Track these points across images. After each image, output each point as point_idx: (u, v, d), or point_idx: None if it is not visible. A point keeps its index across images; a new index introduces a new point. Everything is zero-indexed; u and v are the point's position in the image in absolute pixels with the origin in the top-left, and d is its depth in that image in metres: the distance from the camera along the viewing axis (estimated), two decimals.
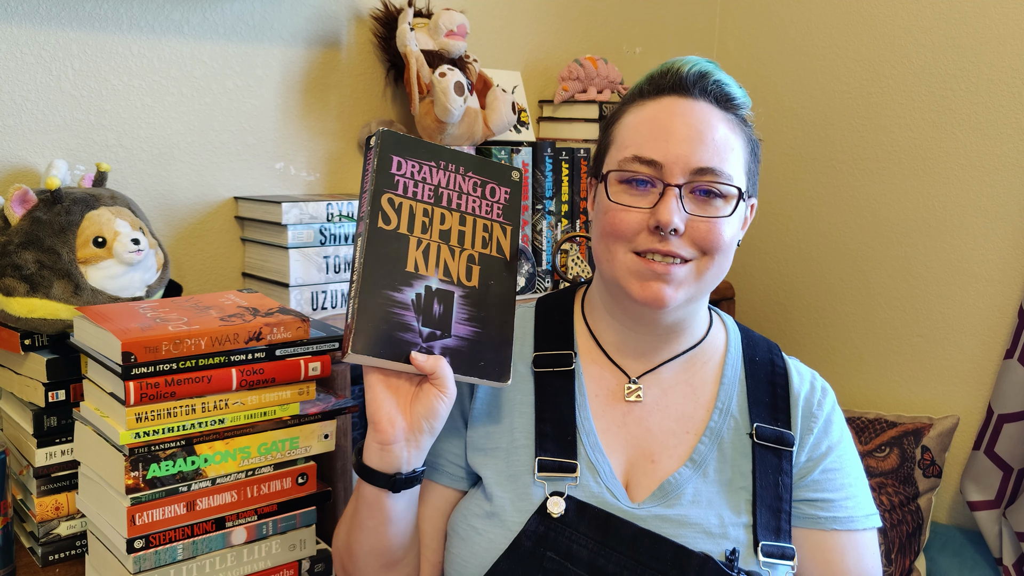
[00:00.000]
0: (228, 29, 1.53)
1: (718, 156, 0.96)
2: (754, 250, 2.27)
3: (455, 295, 0.96)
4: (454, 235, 0.97)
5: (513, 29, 1.92)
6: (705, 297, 1.04)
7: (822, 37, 2.10)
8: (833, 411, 1.07)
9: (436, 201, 0.97)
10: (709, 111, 0.99)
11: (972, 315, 1.89)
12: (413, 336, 0.93)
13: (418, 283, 0.94)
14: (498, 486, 1.00)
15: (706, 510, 0.98)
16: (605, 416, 1.04)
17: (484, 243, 0.99)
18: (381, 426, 0.91)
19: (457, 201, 0.98)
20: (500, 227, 1.01)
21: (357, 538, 0.99)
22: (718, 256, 0.98)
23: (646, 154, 0.97)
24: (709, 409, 1.05)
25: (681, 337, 1.06)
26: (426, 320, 0.94)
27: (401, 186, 0.95)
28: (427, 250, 0.95)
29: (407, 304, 0.93)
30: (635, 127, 1.00)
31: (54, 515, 1.17)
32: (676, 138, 0.96)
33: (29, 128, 1.36)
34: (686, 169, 0.96)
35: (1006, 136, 1.82)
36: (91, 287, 1.17)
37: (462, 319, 0.96)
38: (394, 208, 0.94)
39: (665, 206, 0.95)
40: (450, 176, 0.98)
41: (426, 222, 0.95)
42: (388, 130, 0.96)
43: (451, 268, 0.96)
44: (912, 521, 1.81)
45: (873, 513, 1.04)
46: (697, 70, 1.00)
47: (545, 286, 1.75)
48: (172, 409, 1.02)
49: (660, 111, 0.99)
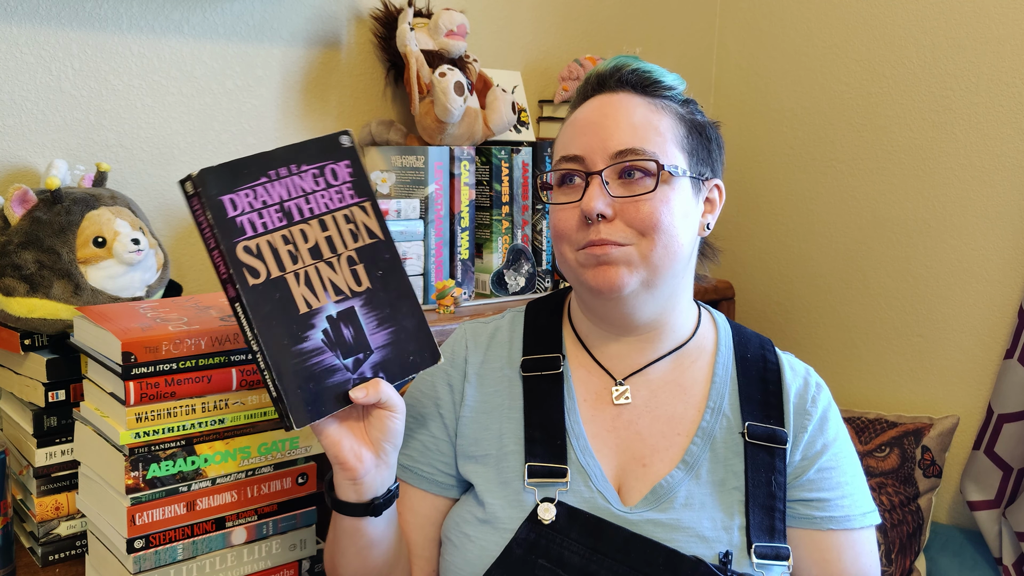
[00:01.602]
0: (228, 29, 1.53)
1: (637, 136, 0.97)
2: (754, 250, 2.27)
3: (355, 309, 0.90)
4: (323, 246, 0.89)
5: (513, 29, 1.92)
6: (670, 285, 1.01)
7: (822, 37, 2.10)
8: (828, 408, 1.05)
9: (289, 220, 0.88)
10: (627, 99, 1.01)
11: (972, 315, 1.89)
12: (343, 374, 0.88)
13: (318, 319, 0.87)
14: (489, 493, 1.00)
15: (699, 513, 0.97)
16: (595, 419, 1.03)
17: (354, 236, 0.92)
18: (348, 464, 0.89)
19: (307, 207, 0.89)
20: (359, 209, 0.92)
21: (343, 563, 0.99)
22: (658, 236, 0.96)
23: (570, 151, 1.00)
24: (700, 409, 1.03)
25: (663, 336, 1.05)
26: (344, 351, 0.88)
27: (248, 225, 0.85)
28: (308, 279, 0.87)
29: (319, 348, 0.87)
30: (562, 133, 1.04)
31: (54, 515, 1.17)
32: (594, 130, 0.99)
33: (29, 128, 1.36)
34: (605, 155, 0.97)
35: (1006, 136, 1.82)
36: (91, 287, 1.17)
37: (373, 328, 0.91)
38: (254, 255, 0.85)
39: (588, 194, 0.97)
40: (287, 183, 0.88)
41: (291, 249, 0.87)
42: (202, 171, 0.84)
43: (337, 283, 0.89)
44: (912, 521, 1.81)
45: (871, 511, 1.03)
46: (612, 65, 1.03)
47: (545, 286, 1.75)
48: (172, 409, 1.01)
49: (583, 112, 1.03)
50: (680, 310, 1.06)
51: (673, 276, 1.00)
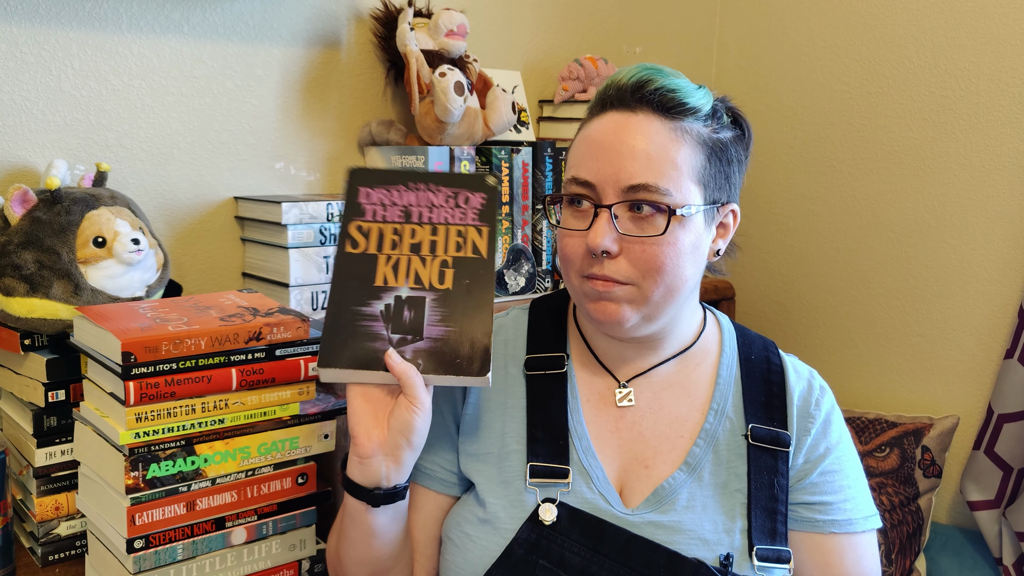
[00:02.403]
0: (228, 29, 1.53)
1: (652, 171, 0.93)
2: (754, 250, 2.27)
3: (426, 299, 0.96)
4: (425, 246, 0.99)
5: (513, 29, 1.92)
6: (672, 311, 0.99)
7: (822, 37, 2.10)
8: (832, 411, 1.05)
9: (406, 219, 1.01)
10: (647, 122, 0.95)
11: (972, 315, 1.89)
12: (383, 344, 0.93)
13: (387, 295, 0.96)
14: (490, 492, 0.99)
15: (700, 515, 0.97)
16: (598, 420, 1.03)
17: (458, 247, 1.00)
18: (359, 440, 0.91)
19: (428, 215, 1.01)
20: (475, 230, 1.01)
21: (345, 548, 0.99)
22: (661, 278, 0.94)
23: (581, 175, 0.96)
24: (704, 411, 1.03)
25: (666, 343, 1.05)
26: (396, 327, 0.94)
27: (370, 213, 1.01)
28: (397, 264, 0.98)
29: (375, 315, 0.95)
30: (576, 147, 1.00)
31: (54, 515, 1.17)
32: (607, 156, 0.94)
33: (29, 128, 1.36)
34: (618, 188, 0.94)
35: (1006, 136, 1.82)
36: (91, 287, 1.17)
37: (435, 321, 0.95)
38: (362, 233, 0.99)
39: (595, 229, 0.94)
40: (419, 194, 1.02)
41: (396, 240, 0.99)
42: (357, 167, 1.03)
43: (422, 276, 0.98)
44: (912, 521, 1.81)
45: (872, 514, 1.03)
46: (636, 80, 0.97)
47: (545, 286, 1.75)
48: (172, 409, 1.02)
49: (599, 129, 0.97)
50: (685, 318, 1.05)
51: (675, 307, 1.00)
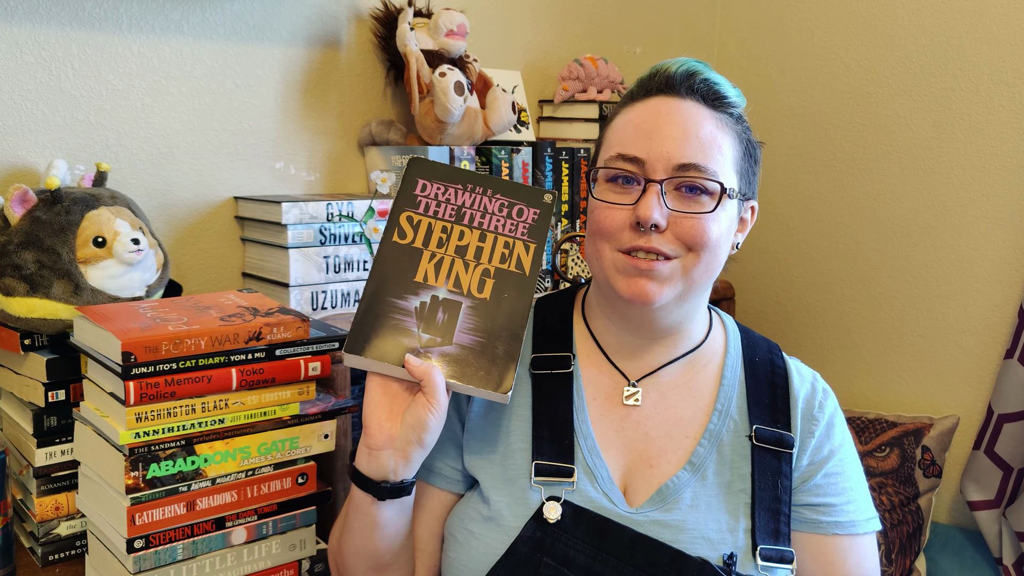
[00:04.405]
0: (228, 29, 1.53)
1: (702, 152, 0.96)
2: (754, 250, 2.27)
3: (462, 305, 0.96)
4: (471, 250, 0.99)
5: (513, 29, 1.92)
6: (698, 297, 1.03)
7: (822, 37, 2.10)
8: (835, 414, 1.06)
9: (457, 219, 1.00)
10: (696, 109, 0.99)
11: (972, 315, 1.89)
12: (410, 341, 0.93)
13: (425, 292, 0.96)
14: (495, 490, 0.99)
15: (704, 514, 0.97)
16: (603, 420, 1.03)
17: (503, 259, 1.00)
18: (371, 430, 0.92)
19: (480, 220, 1.00)
20: (523, 244, 1.01)
21: (346, 538, 0.99)
22: (704, 253, 0.97)
23: (630, 151, 0.98)
24: (708, 412, 1.04)
25: (679, 339, 1.06)
26: (427, 327, 0.94)
27: (422, 206, 1.00)
28: (440, 263, 0.97)
29: (409, 311, 0.94)
30: (622, 127, 1.01)
31: (54, 515, 1.17)
32: (660, 136, 0.97)
33: (29, 128, 1.36)
34: (668, 165, 0.96)
35: (1006, 136, 1.82)
36: (91, 287, 1.17)
37: (466, 328, 0.96)
38: (412, 225, 0.98)
39: (645, 202, 0.95)
40: (476, 197, 1.01)
41: (443, 238, 0.99)
42: (418, 157, 1.02)
43: (462, 280, 0.97)
44: (912, 521, 1.81)
45: (873, 516, 1.04)
46: (685, 69, 1.01)
47: (545, 286, 1.75)
48: (172, 409, 1.02)
49: (647, 111, 1.00)
50: (699, 315, 1.07)
51: (704, 290, 1.02)
